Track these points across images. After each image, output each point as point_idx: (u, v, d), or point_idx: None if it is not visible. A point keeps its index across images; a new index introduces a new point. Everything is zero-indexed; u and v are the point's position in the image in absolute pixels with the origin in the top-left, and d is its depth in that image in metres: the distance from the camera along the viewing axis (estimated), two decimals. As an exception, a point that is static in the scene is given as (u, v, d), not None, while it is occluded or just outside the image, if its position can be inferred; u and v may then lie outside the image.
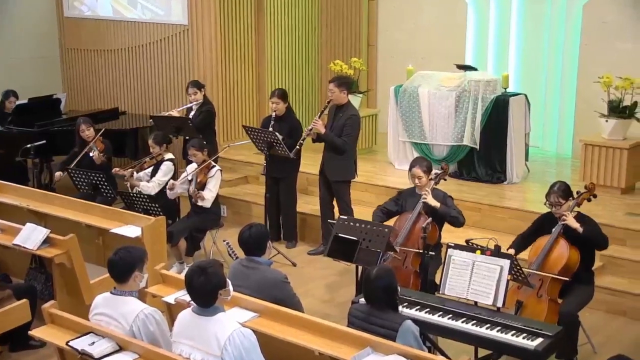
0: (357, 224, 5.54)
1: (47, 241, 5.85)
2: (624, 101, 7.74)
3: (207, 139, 7.76)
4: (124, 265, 4.26)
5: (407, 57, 9.68)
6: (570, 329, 5.13)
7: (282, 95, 7.63)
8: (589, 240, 5.37)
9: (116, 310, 4.25)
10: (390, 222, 5.97)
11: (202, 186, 7.09)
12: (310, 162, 8.23)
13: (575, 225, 5.32)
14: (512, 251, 5.52)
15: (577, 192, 5.53)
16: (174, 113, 8.26)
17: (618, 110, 7.75)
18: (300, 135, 7.49)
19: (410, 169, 5.99)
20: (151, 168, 7.50)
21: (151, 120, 8.48)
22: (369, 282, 4.35)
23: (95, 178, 7.35)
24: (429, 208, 5.81)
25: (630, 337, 6.08)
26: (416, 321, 4.38)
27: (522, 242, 5.64)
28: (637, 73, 7.87)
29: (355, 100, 9.30)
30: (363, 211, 7.43)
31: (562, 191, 5.42)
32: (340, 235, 5.53)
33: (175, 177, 7.44)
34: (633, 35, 8.63)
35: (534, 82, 9.47)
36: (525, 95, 8.43)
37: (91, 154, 7.81)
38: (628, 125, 7.80)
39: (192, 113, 8.24)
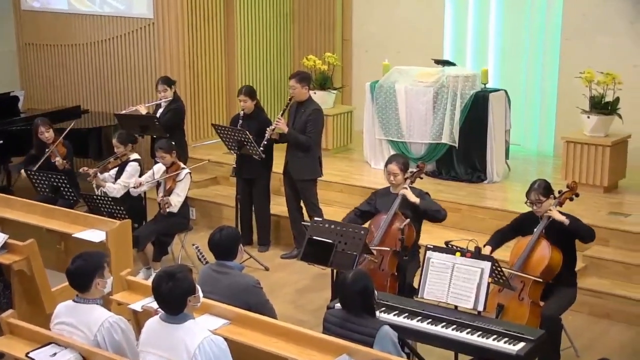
0: (332, 226, 5.55)
1: (5, 247, 5.77)
2: (606, 97, 7.83)
3: (176, 139, 7.72)
4: (82, 274, 4.22)
5: (383, 51, 9.71)
6: (552, 332, 5.17)
7: (250, 92, 7.62)
8: (576, 233, 5.43)
9: (79, 319, 4.22)
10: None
11: (170, 191, 7.05)
12: (283, 161, 8.22)
13: (561, 218, 5.37)
14: (488, 248, 5.56)
15: (559, 192, 5.58)
16: (142, 108, 8.20)
17: (600, 106, 7.84)
18: (270, 134, 7.49)
19: (386, 165, 6.01)
20: (116, 169, 7.44)
21: (116, 118, 8.43)
22: (345, 287, 4.35)
23: (57, 180, 7.27)
24: (408, 205, 5.83)
25: (613, 340, 6.16)
26: (394, 326, 4.40)
27: (500, 238, 5.69)
28: (619, 68, 7.97)
29: (330, 96, 9.32)
30: (338, 212, 7.43)
31: (542, 189, 5.47)
32: (314, 238, 5.53)
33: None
34: (614, 29, 8.74)
35: (514, 77, 9.55)
36: (506, 91, 8.49)
37: (53, 161, 7.72)
38: (610, 122, 7.89)
39: (161, 110, 8.20)
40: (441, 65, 8.82)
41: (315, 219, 5.84)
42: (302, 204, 7.52)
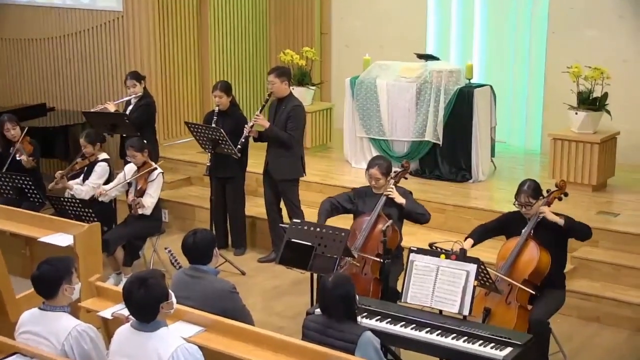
0: (312, 228, 5.54)
1: (-34, 252, 5.71)
2: (594, 92, 7.89)
3: (146, 137, 7.67)
4: (48, 280, 4.20)
5: (364, 46, 9.72)
6: (540, 337, 5.21)
7: (225, 88, 7.60)
8: (572, 232, 5.46)
9: (46, 327, 4.19)
10: (346, 224, 5.98)
11: (142, 193, 7.01)
12: (260, 160, 8.19)
13: (556, 218, 5.40)
14: (470, 241, 5.59)
15: (547, 191, 5.61)
16: (110, 106, 8.15)
17: (588, 102, 7.90)
18: (246, 132, 7.48)
19: (367, 169, 6.02)
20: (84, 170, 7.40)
21: (83, 116, 8.37)
22: (325, 291, 4.35)
23: (21, 181, 7.21)
24: (394, 206, 5.84)
25: (603, 344, 6.21)
26: (376, 332, 4.41)
27: (484, 233, 5.72)
28: (607, 62, 8.04)
29: (308, 93, 9.32)
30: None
31: (532, 190, 5.49)
32: (293, 240, 5.53)
33: (111, 179, 7.35)
34: (602, 22, 8.81)
35: (499, 72, 9.60)
36: (491, 87, 8.54)
37: (19, 158, 7.67)
38: (599, 118, 7.95)
39: (130, 107, 8.16)
40: (424, 59, 8.85)
41: (294, 220, 5.84)
42: (281, 205, 7.50)
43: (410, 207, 5.89)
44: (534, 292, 5.32)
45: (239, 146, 7.34)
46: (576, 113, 7.93)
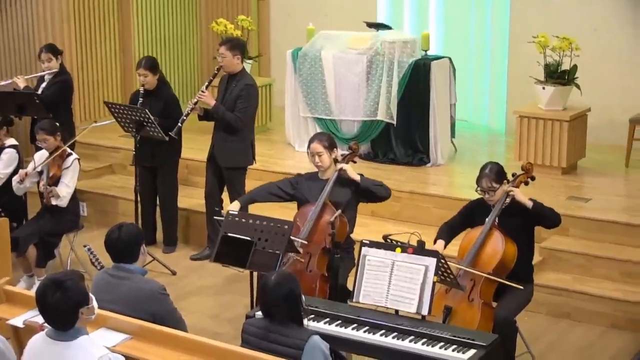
0: (251, 221, 5.55)
1: None
2: (563, 64, 8.02)
3: (61, 119, 7.57)
4: None
5: (307, 14, 9.72)
6: (506, 336, 5.29)
7: (151, 65, 7.54)
8: (540, 217, 5.53)
9: (-53, 339, 4.13)
10: (291, 216, 6.00)
11: (55, 181, 6.92)
12: (193, 145, 8.17)
13: (525, 199, 5.48)
14: (441, 242, 5.63)
15: (513, 175, 5.69)
16: (20, 81, 8.03)
17: (556, 75, 8.02)
18: (178, 112, 7.42)
19: (308, 145, 6.05)
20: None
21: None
22: (267, 292, 4.37)
23: None
24: (346, 186, 5.86)
25: (574, 342, 6.33)
26: (325, 336, 4.43)
27: (451, 231, 5.78)
28: (577, 31, 8.17)
29: (245, 67, 9.28)
30: (259, 205, 7.43)
31: (495, 174, 5.56)
32: (229, 234, 5.52)
33: (20, 168, 7.24)
34: (571, -14, 8.96)
35: (459, 42, 9.70)
36: (450, 59, 8.61)
37: None
38: (568, 93, 8.09)
39: (44, 85, 8.04)
40: (375, 29, 8.89)
41: (230, 211, 5.83)
42: (223, 197, 7.47)
43: (366, 183, 5.91)
44: (502, 281, 5.37)
45: (179, 124, 7.28)
46: (543, 88, 8.04)
